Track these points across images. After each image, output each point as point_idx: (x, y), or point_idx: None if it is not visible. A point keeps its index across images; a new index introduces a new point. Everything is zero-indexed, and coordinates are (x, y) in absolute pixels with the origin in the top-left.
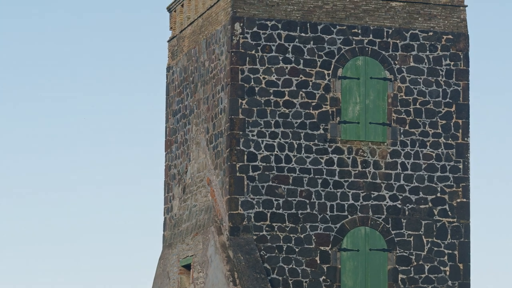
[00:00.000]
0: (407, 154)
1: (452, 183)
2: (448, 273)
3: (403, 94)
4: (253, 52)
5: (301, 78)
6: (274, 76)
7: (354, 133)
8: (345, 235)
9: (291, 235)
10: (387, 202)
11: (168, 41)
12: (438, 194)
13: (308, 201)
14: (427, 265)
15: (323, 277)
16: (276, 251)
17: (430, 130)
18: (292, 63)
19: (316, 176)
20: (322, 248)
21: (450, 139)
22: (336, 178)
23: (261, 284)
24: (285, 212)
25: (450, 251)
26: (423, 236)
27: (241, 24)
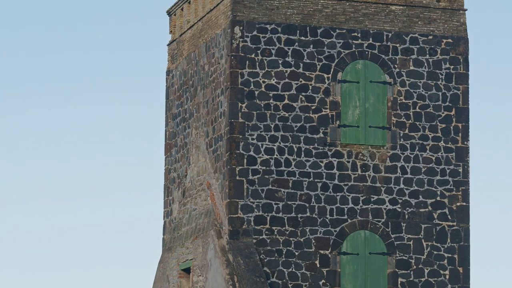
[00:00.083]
0: (407, 158)
1: (451, 187)
2: (447, 276)
3: (403, 98)
4: (252, 55)
5: (301, 81)
6: (273, 80)
7: (354, 136)
8: (345, 239)
9: (291, 238)
10: (386, 206)
11: (167, 45)
12: (438, 198)
13: (307, 205)
14: (427, 269)
15: (323, 280)
16: (276, 255)
17: (430, 134)
18: (291, 67)
19: (316, 180)
20: (321, 251)
21: (449, 143)
22: (336, 181)
23: None
24: (285, 216)
25: (450, 255)
26: (423, 240)
27: (241, 28)
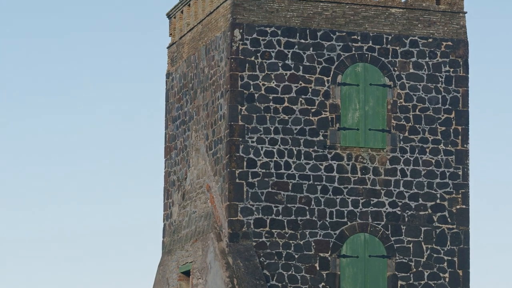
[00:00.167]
0: (407, 161)
1: (451, 190)
2: (447, 279)
3: (403, 101)
4: (252, 58)
5: (301, 84)
6: (273, 83)
7: (354, 139)
8: (345, 242)
9: (291, 241)
10: (386, 209)
11: (167, 48)
12: (438, 201)
13: (307, 208)
14: (427, 272)
15: (323, 283)
16: (276, 258)
17: (430, 137)
18: (291, 70)
19: (316, 183)
20: (321, 254)
21: (449, 146)
22: (336, 184)
23: None
24: (285, 219)
25: (450, 258)
26: (423, 243)
27: (241, 31)
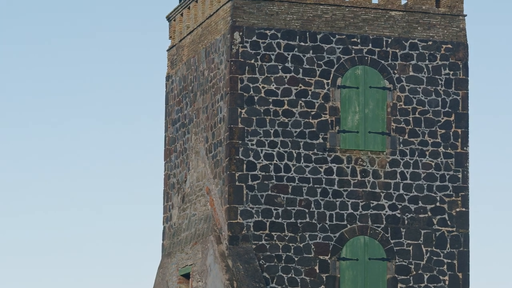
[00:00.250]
0: (406, 164)
1: (451, 193)
2: (447, 282)
3: (402, 103)
4: (252, 61)
5: (301, 87)
6: (273, 85)
7: (353, 142)
8: (344, 244)
9: (290, 244)
10: (386, 212)
11: (167, 50)
12: (438, 204)
13: (307, 210)
14: (426, 275)
15: (322, 286)
16: (275, 260)
17: (429, 140)
18: (291, 72)
19: (315, 185)
20: (321, 257)
21: (449, 149)
22: (335, 187)
23: None
24: (284, 221)
25: (450, 261)
26: (422, 246)
27: (241, 33)
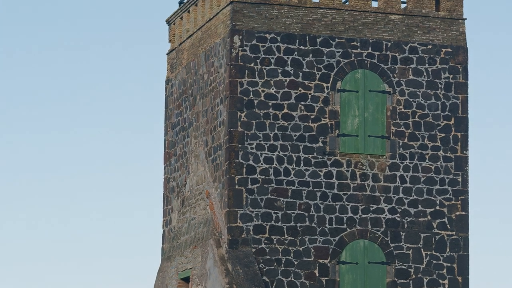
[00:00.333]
0: (406, 167)
1: (451, 196)
2: (447, 286)
3: (402, 107)
4: (252, 65)
5: (300, 91)
6: (273, 89)
7: (353, 146)
8: (344, 248)
9: (290, 248)
10: (386, 215)
11: (167, 54)
12: (437, 207)
13: (307, 214)
14: (426, 278)
15: None
16: (275, 264)
17: (429, 143)
18: (291, 76)
19: (315, 189)
20: (321, 261)
21: (449, 152)
22: (335, 191)
23: None
24: (284, 225)
25: (449, 264)
26: (422, 249)
27: (240, 37)
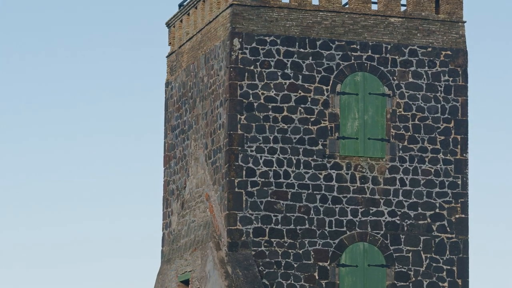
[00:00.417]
0: (406, 170)
1: (450, 199)
2: None
3: (402, 110)
4: (251, 67)
5: (300, 93)
6: (272, 92)
7: (353, 148)
8: (344, 251)
9: (290, 250)
10: (385, 218)
11: (167, 57)
12: (437, 210)
13: (306, 217)
14: (426, 281)
15: None
16: (275, 267)
17: (429, 146)
18: (290, 79)
19: (315, 192)
20: (320, 263)
21: (448, 155)
22: (335, 193)
23: None
24: (284, 228)
25: (449, 267)
26: (422, 252)
27: (240, 40)
